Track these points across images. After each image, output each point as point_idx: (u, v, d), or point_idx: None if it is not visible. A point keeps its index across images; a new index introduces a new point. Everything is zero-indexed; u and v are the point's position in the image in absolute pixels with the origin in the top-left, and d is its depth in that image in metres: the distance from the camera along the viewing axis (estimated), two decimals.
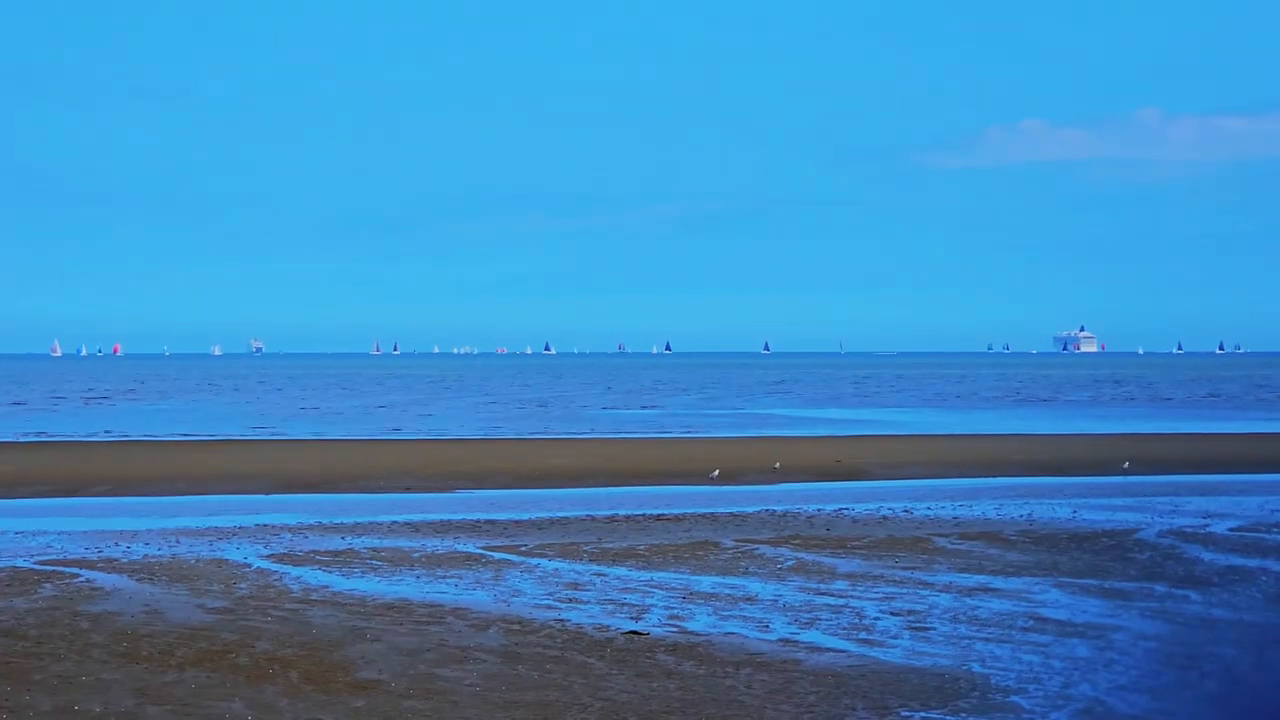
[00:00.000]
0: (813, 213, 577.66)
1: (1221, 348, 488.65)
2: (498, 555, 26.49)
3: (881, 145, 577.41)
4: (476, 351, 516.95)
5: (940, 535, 29.30)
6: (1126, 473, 44.95)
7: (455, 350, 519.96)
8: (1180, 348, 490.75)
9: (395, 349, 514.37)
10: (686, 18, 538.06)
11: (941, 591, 22.43)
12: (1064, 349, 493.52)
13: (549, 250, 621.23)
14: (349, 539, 28.89)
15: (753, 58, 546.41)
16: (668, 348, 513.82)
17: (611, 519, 32.37)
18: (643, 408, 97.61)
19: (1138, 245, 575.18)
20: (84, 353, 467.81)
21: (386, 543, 28.25)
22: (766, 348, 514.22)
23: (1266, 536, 29.09)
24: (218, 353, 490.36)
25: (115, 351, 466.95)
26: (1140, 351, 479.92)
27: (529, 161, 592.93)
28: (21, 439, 61.45)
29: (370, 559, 25.97)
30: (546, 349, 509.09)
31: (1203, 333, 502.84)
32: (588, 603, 21.41)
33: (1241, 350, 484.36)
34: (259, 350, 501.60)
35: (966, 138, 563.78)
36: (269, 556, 26.26)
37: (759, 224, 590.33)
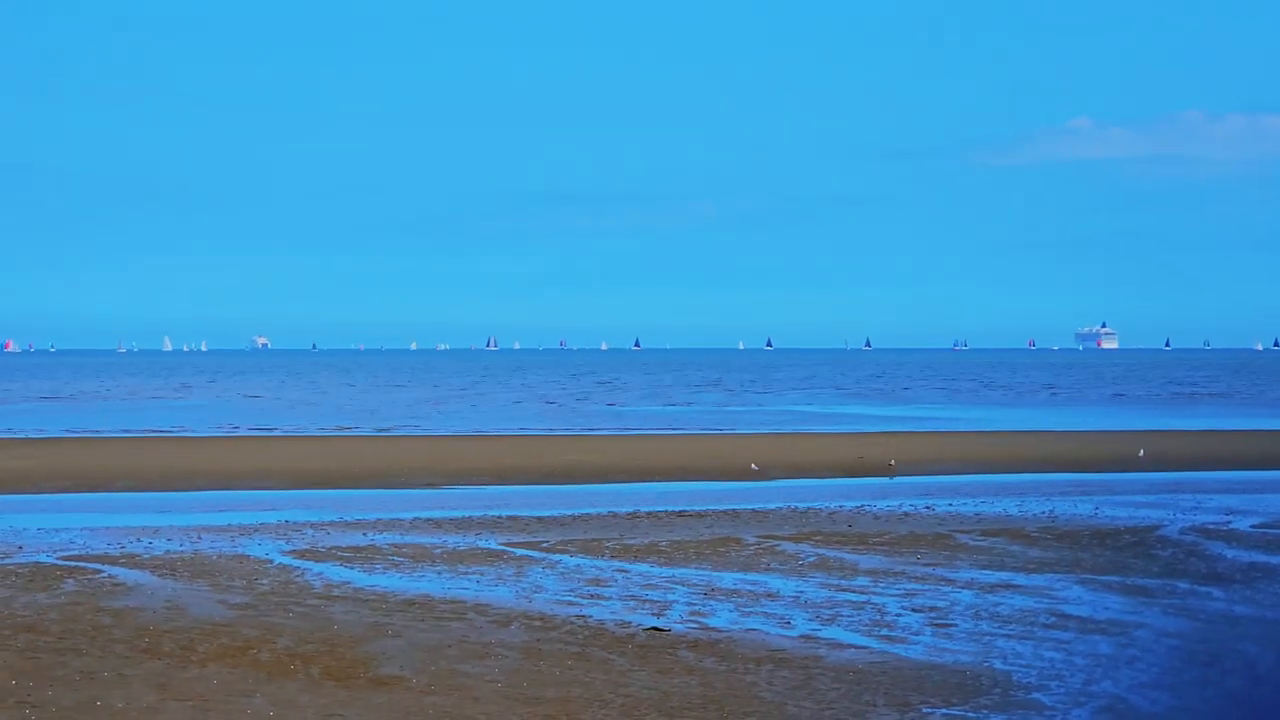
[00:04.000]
0: (856, 212, 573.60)
1: None
2: (519, 551, 26.51)
3: (929, 145, 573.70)
4: (497, 347, 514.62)
5: (962, 532, 29.25)
6: (1141, 463, 45.01)
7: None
8: (1277, 344, 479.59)
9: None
10: (726, 14, 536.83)
11: (963, 588, 22.39)
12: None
13: (581, 248, 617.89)
14: (370, 535, 28.93)
15: (798, 56, 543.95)
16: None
17: (633, 515, 32.36)
18: (670, 404, 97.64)
19: (1178, 243, 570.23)
20: None
21: (408, 539, 28.28)
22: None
23: None
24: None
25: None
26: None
27: (559, 160, 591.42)
28: (43, 434, 61.69)
29: (392, 555, 26.00)
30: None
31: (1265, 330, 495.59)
32: (609, 599, 21.42)
33: None
34: (265, 346, 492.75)
35: (1014, 137, 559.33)
36: (290, 552, 26.31)
37: (801, 223, 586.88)
